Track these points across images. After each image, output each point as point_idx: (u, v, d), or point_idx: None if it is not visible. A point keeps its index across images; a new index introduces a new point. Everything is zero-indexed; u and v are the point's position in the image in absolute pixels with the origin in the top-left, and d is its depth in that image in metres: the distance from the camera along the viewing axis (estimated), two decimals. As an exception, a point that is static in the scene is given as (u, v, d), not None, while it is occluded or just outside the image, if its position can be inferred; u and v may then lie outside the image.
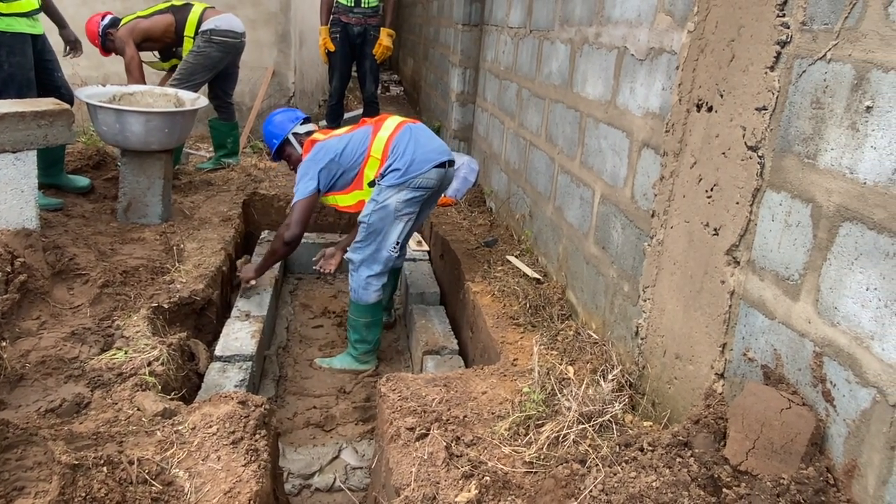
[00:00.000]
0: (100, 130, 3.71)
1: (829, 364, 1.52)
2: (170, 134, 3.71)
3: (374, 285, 3.25)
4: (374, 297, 3.26)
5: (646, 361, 2.25)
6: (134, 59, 4.52)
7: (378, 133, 3.24)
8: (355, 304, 3.29)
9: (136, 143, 3.65)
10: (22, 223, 2.90)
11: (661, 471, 1.67)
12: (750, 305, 1.78)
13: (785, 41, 1.68)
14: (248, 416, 2.07)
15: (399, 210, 3.14)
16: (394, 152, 3.14)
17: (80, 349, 2.45)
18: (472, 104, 5.36)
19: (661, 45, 2.32)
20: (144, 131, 3.60)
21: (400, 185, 3.11)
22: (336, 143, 3.26)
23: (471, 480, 1.82)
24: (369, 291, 3.24)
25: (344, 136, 3.30)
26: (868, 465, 1.41)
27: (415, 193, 3.14)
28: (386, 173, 3.14)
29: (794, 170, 1.64)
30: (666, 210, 2.16)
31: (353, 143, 3.25)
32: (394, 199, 3.12)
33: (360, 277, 3.24)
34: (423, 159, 3.12)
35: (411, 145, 3.14)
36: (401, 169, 3.10)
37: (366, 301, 3.25)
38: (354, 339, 3.39)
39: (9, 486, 1.61)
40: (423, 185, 3.14)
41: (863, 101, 1.44)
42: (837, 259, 1.50)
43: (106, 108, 3.59)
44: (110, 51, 4.75)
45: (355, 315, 3.31)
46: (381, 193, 3.15)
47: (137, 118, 3.57)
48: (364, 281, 3.23)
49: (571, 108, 3.22)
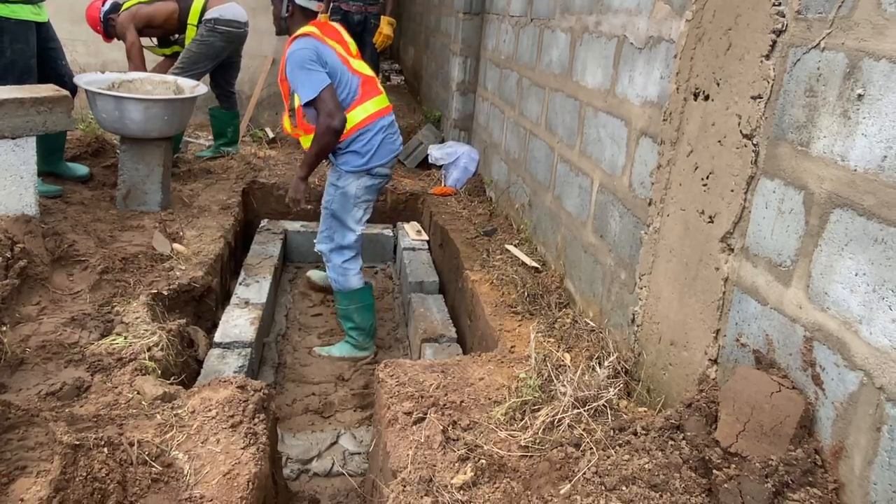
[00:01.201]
0: (99, 118, 3.71)
1: (818, 348, 1.54)
2: (169, 121, 3.71)
3: (353, 269, 3.29)
4: (357, 281, 3.30)
5: (641, 348, 2.28)
6: (135, 45, 4.51)
7: (363, 103, 3.18)
8: (341, 294, 3.33)
9: (135, 131, 3.65)
10: (21, 209, 2.91)
11: (653, 453, 1.69)
12: (743, 292, 1.81)
13: (780, 30, 1.69)
14: (247, 400, 2.10)
15: (358, 196, 3.22)
16: (362, 136, 3.16)
17: (79, 334, 2.47)
18: (472, 93, 5.36)
19: (660, 33, 2.33)
20: (144, 119, 3.60)
21: (360, 172, 3.18)
22: (336, 62, 3.12)
23: (467, 463, 1.84)
24: (349, 277, 3.29)
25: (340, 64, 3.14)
26: (854, 446, 1.44)
27: (373, 181, 3.23)
28: (344, 152, 3.17)
29: (787, 157, 1.66)
30: (663, 198, 2.17)
31: (343, 83, 3.13)
32: (354, 185, 3.19)
33: (335, 266, 3.29)
34: (387, 150, 3.23)
35: (378, 136, 3.20)
36: (362, 154, 3.16)
37: (350, 287, 3.30)
38: (349, 327, 3.42)
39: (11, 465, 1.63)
40: (381, 174, 3.25)
41: (855, 89, 1.46)
42: (828, 245, 1.52)
43: (105, 96, 3.59)
44: (112, 36, 4.74)
45: (344, 304, 3.35)
46: (340, 178, 3.20)
47: (136, 105, 3.57)
48: (341, 268, 3.28)
49: (571, 97, 3.23)
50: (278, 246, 4.15)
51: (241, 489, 1.76)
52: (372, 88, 3.26)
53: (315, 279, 4.11)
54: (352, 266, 3.29)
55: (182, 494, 1.73)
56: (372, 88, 3.26)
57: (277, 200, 4.86)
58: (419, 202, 4.93)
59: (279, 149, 5.86)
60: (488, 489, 1.77)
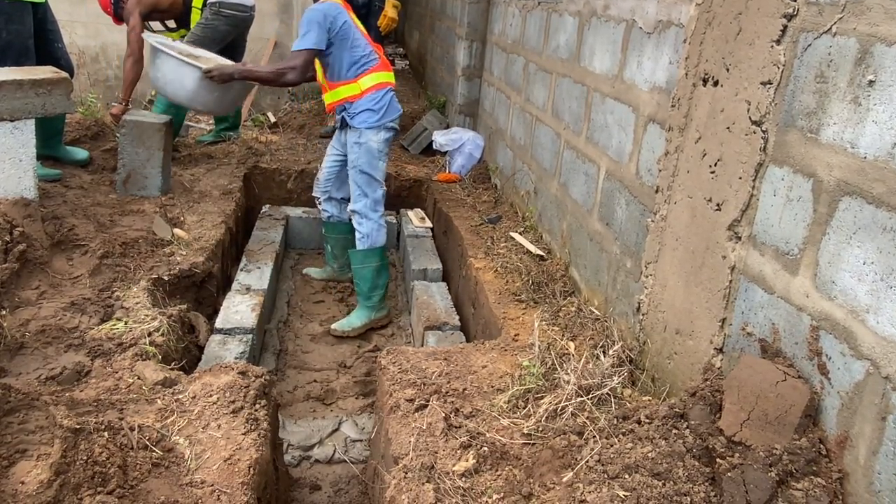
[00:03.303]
0: (154, 76, 3.84)
1: (825, 337, 1.53)
2: (218, 99, 3.83)
3: (384, 227, 3.52)
4: (384, 238, 3.53)
5: (646, 337, 2.26)
6: (135, 30, 4.46)
7: (381, 71, 3.44)
8: (368, 252, 3.48)
9: (182, 97, 3.80)
10: (20, 193, 2.89)
11: (657, 442, 1.69)
12: (750, 280, 1.79)
13: (791, 14, 1.66)
14: (249, 386, 2.09)
15: (380, 150, 3.45)
16: (375, 94, 3.39)
17: (79, 319, 2.46)
18: (478, 79, 5.31)
19: (669, 17, 2.29)
20: (195, 88, 3.70)
21: (377, 127, 3.40)
22: (352, 28, 3.37)
23: (469, 450, 1.84)
24: (381, 233, 3.51)
25: (357, 32, 3.40)
26: (859, 435, 1.43)
27: (388, 134, 3.46)
28: (359, 112, 3.38)
29: (796, 144, 1.64)
30: (670, 185, 2.15)
31: (361, 47, 3.39)
32: (374, 139, 3.41)
33: (372, 222, 3.47)
34: (395, 107, 3.52)
35: (388, 95, 3.47)
36: (376, 111, 3.39)
37: (379, 243, 3.49)
38: (367, 288, 3.54)
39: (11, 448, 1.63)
40: (393, 127, 3.49)
41: (866, 75, 1.44)
42: (836, 233, 1.51)
43: (169, 57, 3.71)
44: (123, 20, 4.68)
45: (367, 262, 3.49)
46: (362, 136, 3.41)
47: (193, 73, 3.66)
48: (377, 224, 3.49)
49: (578, 83, 3.19)
50: (280, 232, 4.13)
51: (242, 474, 1.76)
52: (384, 62, 3.54)
53: (313, 275, 4.15)
54: (382, 222, 3.51)
55: (183, 479, 1.73)
56: (384, 62, 3.54)
57: (279, 186, 4.83)
58: (423, 189, 4.90)
59: (281, 134, 5.82)
60: (490, 476, 1.77)
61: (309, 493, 2.53)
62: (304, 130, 5.94)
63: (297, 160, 5.00)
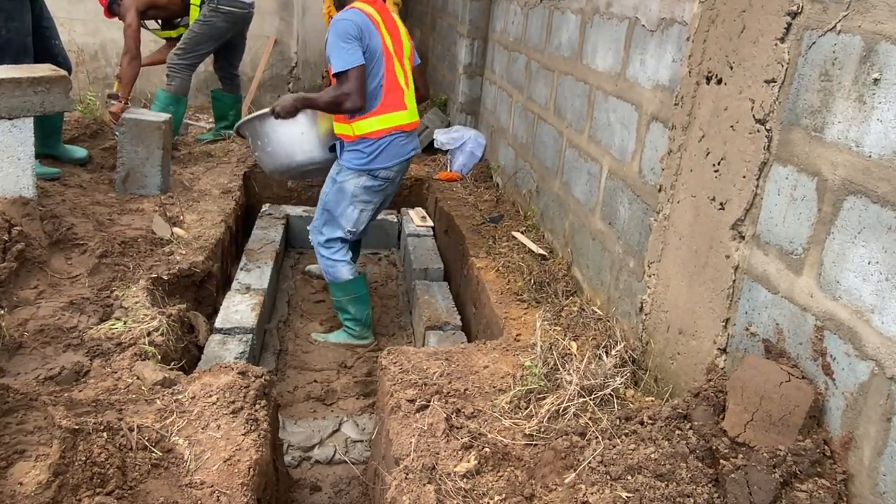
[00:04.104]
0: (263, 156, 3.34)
1: (829, 338, 1.52)
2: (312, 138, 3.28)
3: (341, 261, 3.22)
4: (347, 272, 3.23)
5: (649, 337, 2.25)
6: (131, 27, 4.44)
7: (380, 115, 3.02)
8: (333, 285, 3.29)
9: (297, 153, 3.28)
10: (19, 191, 2.88)
11: (659, 443, 1.67)
12: (753, 280, 1.78)
13: (796, 12, 1.65)
14: (248, 386, 2.08)
15: (356, 195, 3.10)
16: (367, 142, 3.03)
17: (78, 319, 2.45)
18: (479, 77, 5.30)
19: (673, 15, 2.28)
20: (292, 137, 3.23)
21: (360, 171, 3.06)
22: (377, 50, 2.96)
23: (470, 451, 1.83)
24: (338, 268, 3.22)
25: (380, 56, 2.98)
26: (864, 437, 1.42)
27: (374, 182, 3.10)
28: (349, 150, 3.06)
29: (801, 143, 1.63)
30: (673, 184, 2.14)
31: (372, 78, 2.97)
32: (352, 182, 3.08)
33: (323, 258, 3.24)
34: (393, 153, 3.07)
35: (386, 139, 3.04)
36: (365, 154, 3.03)
37: (340, 279, 3.24)
38: (345, 318, 3.40)
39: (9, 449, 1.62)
40: (385, 177, 3.12)
41: (870, 73, 1.43)
42: (841, 233, 1.50)
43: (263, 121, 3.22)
44: (115, 14, 4.65)
45: (337, 295, 3.31)
46: (340, 173, 3.11)
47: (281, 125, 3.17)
48: (330, 261, 3.22)
49: (580, 81, 3.18)
50: (280, 231, 4.12)
51: (242, 475, 1.75)
52: (395, 101, 3.06)
53: (314, 272, 4.10)
54: (340, 258, 3.22)
55: (182, 480, 1.72)
56: (395, 101, 3.06)
57: (279, 185, 4.81)
58: (424, 188, 4.89)
59: (281, 133, 5.79)
60: (492, 477, 1.76)
61: (309, 493, 2.52)
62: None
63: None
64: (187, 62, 4.65)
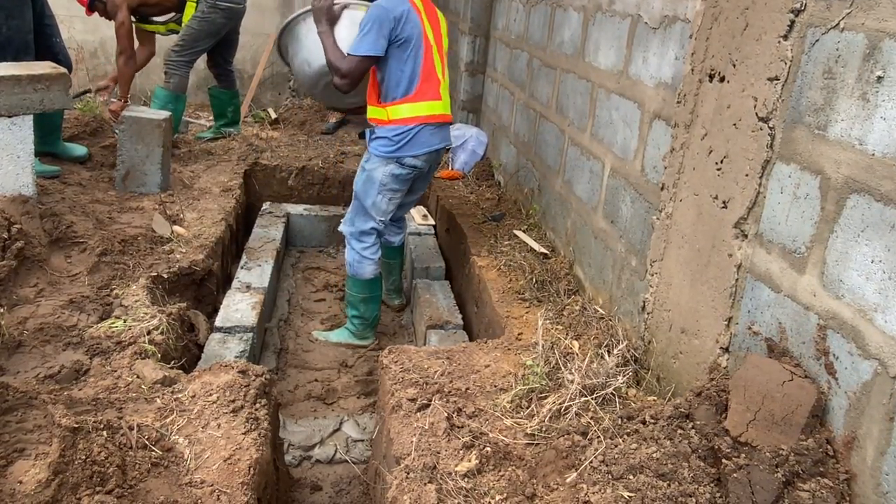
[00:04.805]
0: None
1: (832, 337, 1.52)
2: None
3: (370, 259, 3.19)
4: (371, 272, 3.20)
5: (651, 336, 2.25)
6: (124, 25, 4.41)
7: (415, 102, 3.00)
8: (352, 279, 3.25)
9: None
10: (18, 189, 2.87)
11: (661, 442, 1.67)
12: (756, 279, 1.77)
13: (799, 9, 1.64)
14: (249, 385, 2.07)
15: (384, 184, 3.06)
16: (396, 129, 3.01)
17: (78, 317, 2.44)
18: (481, 74, 5.28)
19: (675, 12, 2.27)
20: None
21: (388, 159, 3.02)
22: (415, 37, 2.93)
23: (471, 451, 1.82)
24: (364, 266, 3.19)
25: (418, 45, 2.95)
26: (867, 436, 1.42)
27: (402, 171, 3.05)
28: (378, 136, 3.03)
29: (804, 141, 1.62)
30: (675, 183, 2.13)
31: (408, 64, 2.95)
32: (380, 170, 3.04)
33: (353, 252, 3.20)
34: (422, 142, 3.02)
35: (416, 128, 3.00)
36: (393, 142, 2.99)
37: (362, 276, 3.20)
38: (352, 314, 3.36)
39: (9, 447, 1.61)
40: (412, 165, 3.05)
41: (874, 71, 1.43)
42: (844, 231, 1.49)
43: None
44: (95, 11, 4.60)
45: (353, 290, 3.28)
46: (369, 161, 3.09)
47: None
48: (358, 255, 3.19)
49: (583, 79, 3.17)
50: (280, 229, 4.11)
51: (243, 474, 1.74)
52: (431, 89, 3.03)
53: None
54: (369, 255, 3.19)
55: (182, 479, 1.71)
56: (431, 89, 3.03)
57: (280, 183, 4.81)
58: (425, 186, 4.88)
59: (282, 130, 5.80)
60: (493, 477, 1.75)
61: (310, 493, 2.51)
62: (305, 127, 5.91)
63: (299, 157, 4.98)
64: (185, 59, 4.64)
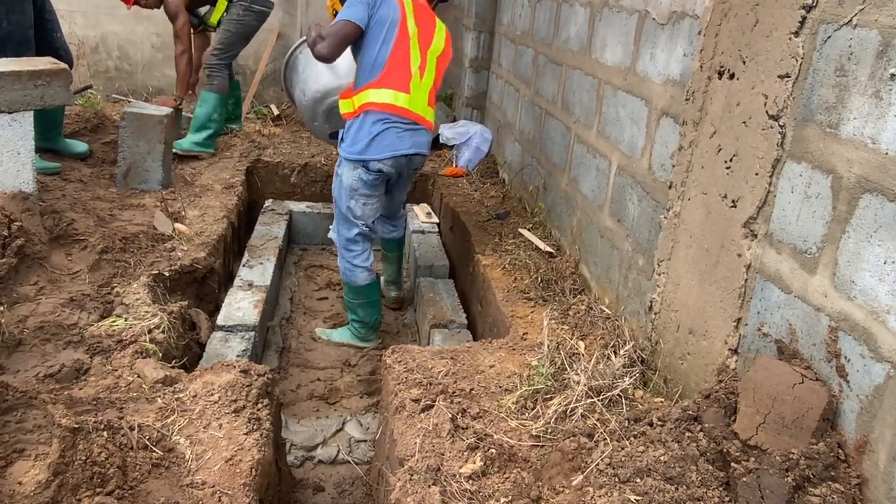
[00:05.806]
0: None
1: (843, 339, 1.50)
2: None
3: (360, 266, 3.16)
4: (363, 278, 3.17)
5: (659, 337, 2.22)
6: (185, 26, 4.53)
7: (380, 88, 2.91)
8: (347, 286, 3.25)
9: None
10: (18, 186, 2.85)
11: (669, 445, 1.65)
12: (766, 279, 1.75)
13: (810, 5, 1.62)
14: (251, 384, 2.05)
15: (355, 189, 3.00)
16: (360, 121, 2.94)
17: (78, 315, 2.43)
18: (486, 70, 5.25)
19: (684, 8, 2.25)
20: None
21: (356, 163, 2.95)
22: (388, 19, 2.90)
23: (476, 452, 1.80)
24: (356, 274, 3.16)
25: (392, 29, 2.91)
26: (879, 440, 1.40)
27: (369, 176, 2.97)
28: (347, 133, 2.99)
29: (815, 140, 1.59)
30: (683, 181, 2.11)
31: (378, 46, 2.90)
32: (349, 175, 2.99)
33: (344, 261, 3.19)
34: (387, 144, 2.91)
35: (379, 126, 2.91)
36: (356, 141, 2.92)
37: (355, 283, 3.18)
38: (352, 318, 3.36)
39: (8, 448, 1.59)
40: (378, 169, 2.96)
41: (887, 68, 1.41)
42: (856, 232, 1.47)
43: None
44: (137, 3, 4.59)
45: (349, 296, 3.27)
46: (340, 165, 3.06)
47: None
48: (350, 265, 3.16)
49: (589, 75, 3.15)
50: (283, 227, 4.09)
51: (244, 475, 1.73)
52: (399, 79, 2.91)
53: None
54: (360, 263, 3.16)
55: (183, 480, 1.70)
56: (399, 79, 2.91)
57: (282, 180, 4.79)
58: (429, 184, 4.85)
59: (284, 126, 5.77)
60: (498, 479, 1.73)
61: (312, 494, 2.49)
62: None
63: (301, 154, 4.95)
64: (225, 61, 4.75)
